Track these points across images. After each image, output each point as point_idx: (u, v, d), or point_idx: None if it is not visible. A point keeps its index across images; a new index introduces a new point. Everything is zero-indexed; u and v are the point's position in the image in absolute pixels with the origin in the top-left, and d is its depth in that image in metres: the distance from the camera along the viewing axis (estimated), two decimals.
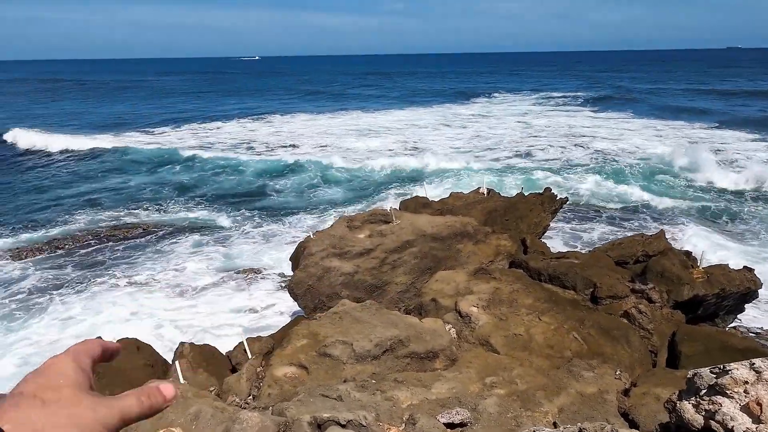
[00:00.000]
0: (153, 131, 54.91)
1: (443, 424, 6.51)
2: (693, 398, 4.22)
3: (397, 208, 15.96)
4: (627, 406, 7.45)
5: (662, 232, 13.53)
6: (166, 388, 0.80)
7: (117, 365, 10.10)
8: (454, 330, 9.87)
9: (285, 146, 45.36)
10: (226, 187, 33.17)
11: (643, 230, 20.46)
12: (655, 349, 10.01)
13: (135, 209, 28.37)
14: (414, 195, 20.10)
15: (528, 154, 39.52)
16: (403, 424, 6.57)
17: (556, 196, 16.73)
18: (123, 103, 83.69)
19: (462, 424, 6.61)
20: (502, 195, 17.76)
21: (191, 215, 27.40)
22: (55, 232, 24.85)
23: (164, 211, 28.14)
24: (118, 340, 10.81)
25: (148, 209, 28.44)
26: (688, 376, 4.39)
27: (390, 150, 42.34)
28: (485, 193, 17.23)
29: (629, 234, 19.07)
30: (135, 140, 48.74)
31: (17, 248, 22.89)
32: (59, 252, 22.35)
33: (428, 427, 6.22)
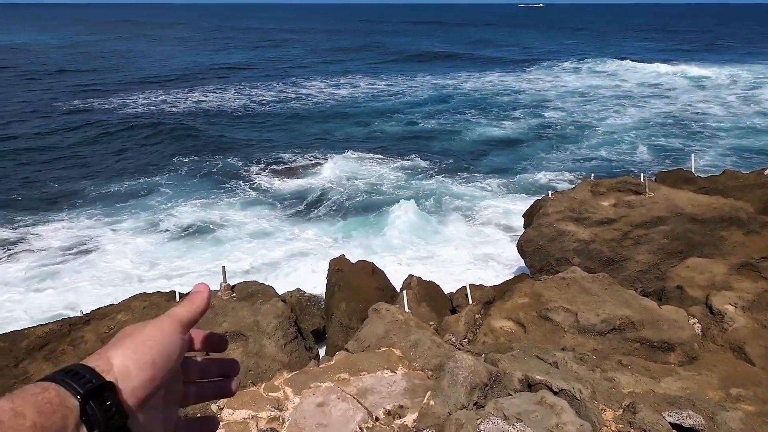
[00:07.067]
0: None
1: (669, 423, 5.84)
2: None
3: (653, 180, 14.31)
4: None
5: None
6: (200, 290, 0.91)
7: (355, 283, 11.32)
8: (700, 326, 8.65)
9: None
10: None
11: None
12: None
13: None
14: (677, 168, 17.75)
15: None
16: (621, 410, 6.08)
17: None
18: None
19: (692, 430, 5.83)
20: None
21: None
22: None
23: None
24: (356, 262, 12.07)
25: None
26: None
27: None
28: None
29: None
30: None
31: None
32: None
33: (651, 421, 5.64)
